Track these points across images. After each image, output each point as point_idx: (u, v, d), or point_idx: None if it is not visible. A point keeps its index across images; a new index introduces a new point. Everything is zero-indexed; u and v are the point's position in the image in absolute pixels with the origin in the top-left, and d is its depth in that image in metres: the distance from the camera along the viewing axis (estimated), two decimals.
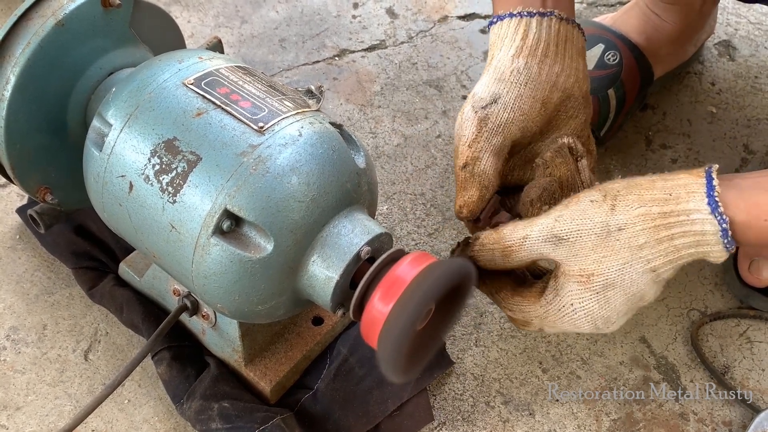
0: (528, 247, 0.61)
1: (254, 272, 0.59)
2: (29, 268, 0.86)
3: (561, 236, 0.59)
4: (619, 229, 0.57)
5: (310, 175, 0.60)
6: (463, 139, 0.67)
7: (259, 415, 0.71)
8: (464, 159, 0.66)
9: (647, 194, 0.57)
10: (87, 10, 0.70)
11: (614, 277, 0.58)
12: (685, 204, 0.56)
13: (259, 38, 1.13)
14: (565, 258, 0.60)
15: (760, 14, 1.16)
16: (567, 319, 0.61)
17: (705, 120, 1.04)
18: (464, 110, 0.68)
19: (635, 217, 0.57)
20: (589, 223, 0.58)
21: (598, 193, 0.59)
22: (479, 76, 0.71)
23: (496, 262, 0.63)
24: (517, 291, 0.64)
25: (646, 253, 0.57)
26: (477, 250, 0.63)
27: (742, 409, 0.79)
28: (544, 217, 0.61)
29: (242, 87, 0.65)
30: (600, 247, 0.58)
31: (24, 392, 0.77)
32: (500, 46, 0.69)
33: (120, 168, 0.64)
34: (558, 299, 0.61)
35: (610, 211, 0.58)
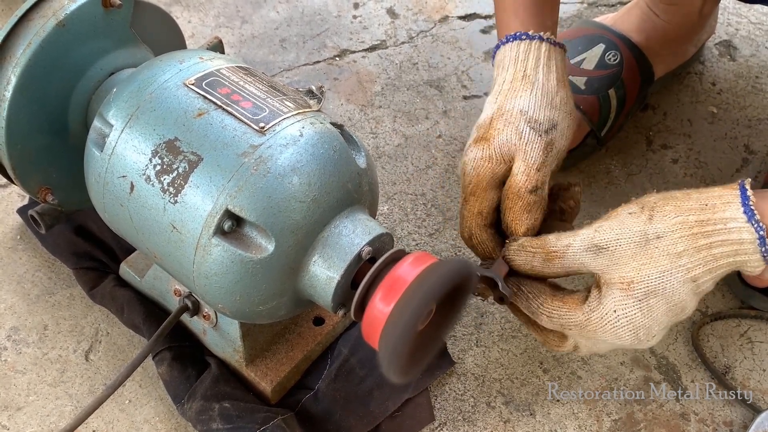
0: (571, 255, 0.62)
1: (255, 272, 0.59)
2: (30, 269, 0.86)
3: (601, 245, 0.60)
4: (657, 237, 0.58)
5: (311, 175, 0.60)
6: (530, 161, 0.67)
7: (259, 416, 0.71)
8: (534, 182, 0.67)
9: (684, 204, 0.58)
10: (88, 11, 0.70)
11: (655, 284, 0.59)
12: (721, 213, 0.57)
13: (260, 38, 1.13)
14: (605, 267, 0.60)
15: (760, 14, 1.16)
16: (609, 327, 0.61)
17: (706, 120, 1.04)
18: (521, 129, 0.68)
19: (673, 225, 0.58)
20: (628, 232, 0.59)
21: (635, 205, 0.61)
22: (505, 88, 0.70)
23: (534, 266, 0.63)
24: (557, 296, 0.64)
25: (686, 261, 0.58)
26: (514, 250, 0.64)
27: (743, 409, 0.79)
28: (586, 229, 0.62)
29: (243, 87, 0.65)
30: (639, 255, 0.59)
31: (25, 392, 0.77)
32: (536, 68, 0.70)
33: (121, 168, 0.64)
34: (601, 306, 0.61)
35: (648, 221, 0.59)
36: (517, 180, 0.67)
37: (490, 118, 0.70)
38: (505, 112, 0.69)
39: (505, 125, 0.68)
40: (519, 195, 0.67)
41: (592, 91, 0.95)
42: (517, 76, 0.70)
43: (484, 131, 0.69)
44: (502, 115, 0.69)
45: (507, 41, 0.72)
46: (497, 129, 0.68)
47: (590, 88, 0.95)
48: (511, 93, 0.70)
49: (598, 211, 0.94)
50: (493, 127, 0.69)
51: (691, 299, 0.60)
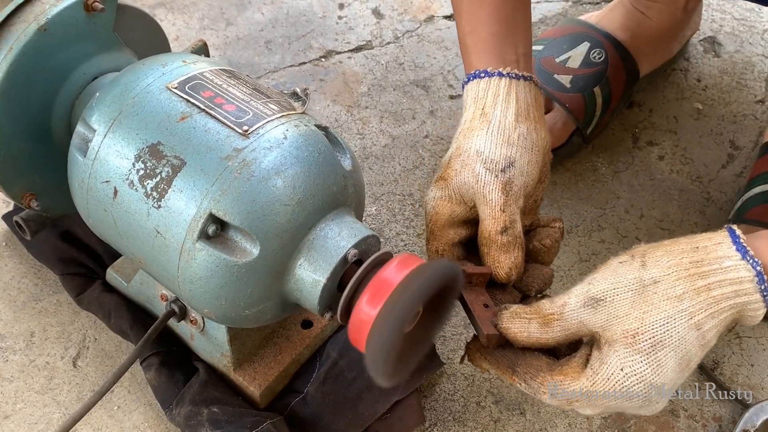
0: (569, 314, 0.58)
1: (240, 277, 0.59)
2: (16, 275, 0.86)
3: (598, 297, 0.57)
4: (654, 282, 0.56)
5: (295, 178, 0.60)
6: (492, 203, 0.66)
7: (248, 420, 0.71)
8: (502, 224, 0.65)
9: (674, 248, 0.57)
10: (70, 15, 0.70)
11: (660, 333, 0.56)
12: (714, 252, 0.55)
13: (245, 40, 1.13)
14: (605, 322, 0.57)
15: (744, 10, 1.16)
16: (618, 388, 0.57)
17: (691, 116, 1.05)
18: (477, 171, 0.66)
19: (668, 268, 0.56)
20: (623, 280, 0.57)
21: (624, 254, 0.59)
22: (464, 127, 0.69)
23: (531, 333, 0.60)
24: (555, 370, 0.59)
25: (687, 305, 0.56)
26: (508, 318, 0.61)
27: (732, 404, 0.79)
28: (578, 285, 0.59)
29: (226, 90, 0.65)
30: (639, 303, 0.56)
31: (12, 400, 0.77)
32: (494, 104, 0.69)
33: (104, 173, 0.63)
34: (605, 367, 0.57)
35: (642, 267, 0.57)
36: (485, 225, 0.66)
37: (449, 157, 0.69)
38: (462, 152, 0.68)
39: (462, 167, 0.67)
40: (491, 239, 0.66)
41: (577, 89, 0.95)
42: (475, 114, 0.69)
43: (443, 171, 0.69)
44: (459, 155, 0.68)
45: (468, 81, 0.71)
46: (455, 170, 0.68)
47: (575, 86, 0.95)
48: (468, 132, 0.69)
49: (585, 208, 0.95)
50: (451, 168, 0.68)
51: (696, 351, 0.57)
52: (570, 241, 0.91)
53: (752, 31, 1.14)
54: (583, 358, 0.59)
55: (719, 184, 0.98)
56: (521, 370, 0.61)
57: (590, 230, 0.93)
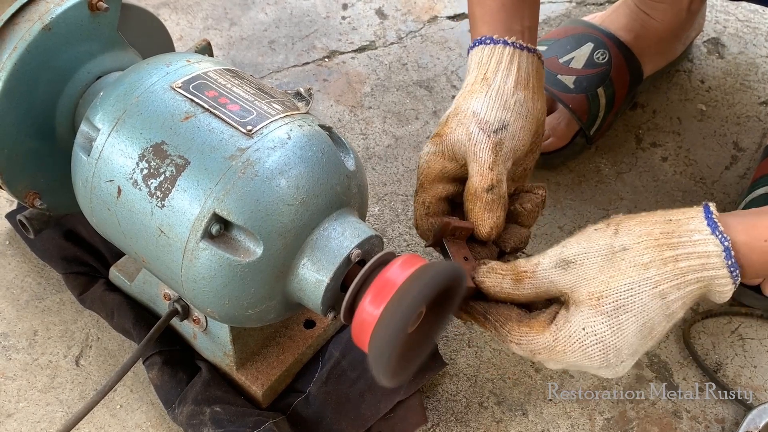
0: (540, 273, 0.61)
1: (244, 276, 0.59)
2: (19, 274, 0.86)
3: (569, 259, 0.60)
4: (623, 249, 0.59)
5: (299, 178, 0.60)
6: (481, 161, 0.68)
7: (250, 419, 0.71)
8: (489, 181, 0.68)
9: (648, 219, 0.59)
10: (74, 14, 0.70)
11: (624, 298, 0.58)
12: (686, 225, 0.57)
13: (249, 40, 1.13)
14: (573, 284, 0.60)
15: (748, 11, 1.16)
16: (578, 346, 0.59)
17: (695, 118, 1.05)
18: (470, 131, 0.69)
19: (638, 236, 0.58)
20: (595, 245, 0.60)
21: (601, 223, 0.62)
22: (465, 90, 0.72)
23: (504, 287, 0.63)
24: (524, 322, 0.62)
25: (653, 273, 0.57)
26: (484, 272, 0.63)
27: (735, 406, 0.79)
28: (553, 247, 0.62)
29: (230, 90, 0.65)
30: (607, 268, 0.59)
31: (15, 399, 0.77)
32: (495, 71, 0.72)
33: (108, 173, 0.63)
34: (568, 325, 0.59)
35: (614, 235, 0.59)
36: (473, 181, 0.68)
37: (447, 116, 0.72)
38: (460, 112, 0.71)
39: (458, 125, 0.70)
40: (476, 195, 0.68)
41: (580, 90, 0.95)
42: (477, 78, 0.72)
43: (440, 128, 0.71)
44: (456, 114, 0.71)
45: (474, 46, 0.74)
46: (450, 128, 0.70)
47: (579, 87, 0.95)
48: (468, 94, 0.71)
49: (588, 209, 0.95)
50: (448, 125, 0.71)
51: (660, 320, 0.58)
52: None
53: (756, 33, 1.14)
54: (551, 315, 0.62)
55: (723, 185, 0.97)
56: (492, 318, 0.63)
57: None
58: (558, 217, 0.94)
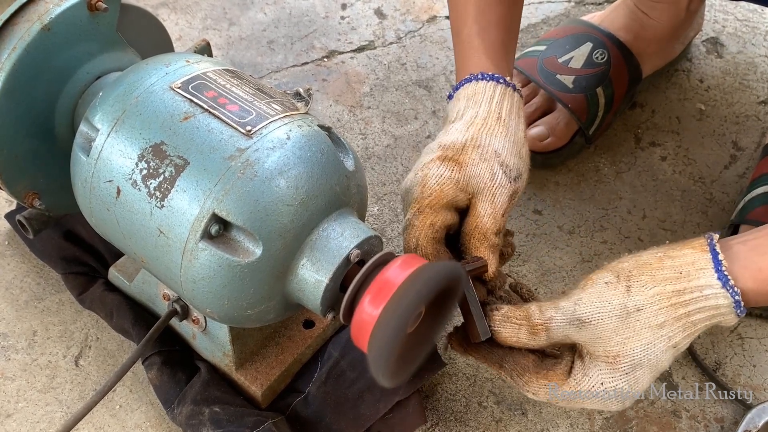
0: (555, 328, 0.62)
1: (243, 277, 0.59)
2: (18, 274, 0.86)
3: (583, 319, 0.61)
4: (637, 310, 0.59)
5: (298, 178, 0.60)
6: (496, 205, 0.68)
7: (250, 420, 0.71)
8: (498, 226, 0.68)
9: (659, 274, 0.60)
10: (73, 14, 0.70)
11: (640, 357, 0.60)
12: (696, 281, 0.58)
13: (248, 40, 1.13)
14: (589, 340, 0.61)
15: (747, 11, 1.16)
16: (597, 399, 0.62)
17: (694, 117, 1.05)
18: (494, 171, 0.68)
19: (651, 297, 0.59)
20: (608, 305, 0.60)
21: (610, 274, 0.61)
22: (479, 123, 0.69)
23: (520, 338, 0.63)
24: (541, 373, 0.64)
25: (667, 331, 0.59)
26: (499, 321, 0.63)
27: (734, 405, 0.79)
28: (565, 300, 0.62)
29: (230, 90, 0.65)
30: (622, 329, 0.60)
31: (14, 399, 0.77)
32: (509, 114, 0.71)
33: (107, 173, 0.63)
34: (587, 380, 0.62)
35: (626, 293, 0.60)
36: (483, 221, 0.67)
37: (462, 144, 0.68)
38: (481, 145, 0.68)
39: (481, 160, 0.68)
40: (486, 236, 0.67)
41: (579, 89, 0.95)
42: (492, 115, 0.70)
43: (455, 154, 0.68)
44: (477, 147, 0.68)
45: (483, 78, 0.71)
46: (472, 159, 0.68)
47: (578, 86, 0.95)
48: (486, 129, 0.69)
49: (588, 209, 0.95)
50: (467, 155, 0.68)
51: (670, 362, 0.62)
52: (572, 242, 0.91)
53: (755, 32, 1.14)
54: (568, 365, 0.64)
55: (722, 185, 0.97)
56: (508, 367, 0.64)
57: (592, 231, 0.93)
58: (557, 216, 0.94)
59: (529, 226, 0.93)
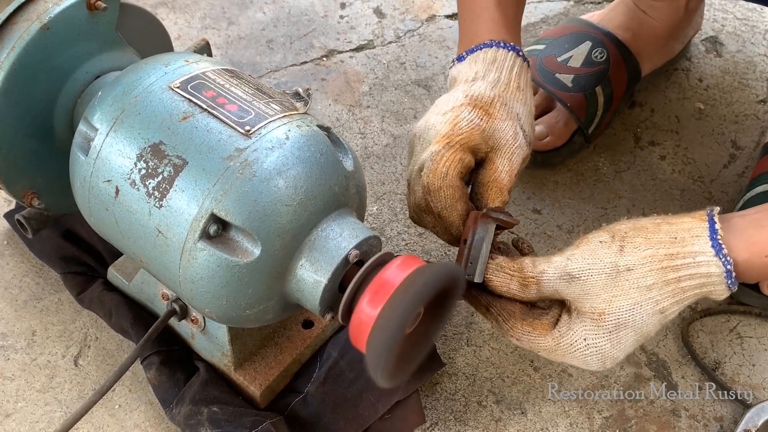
0: (545, 282, 0.62)
1: (242, 277, 0.59)
2: (17, 274, 0.86)
3: (573, 274, 0.61)
4: (627, 270, 0.59)
5: (297, 178, 0.60)
6: (513, 165, 0.69)
7: (248, 420, 0.71)
8: (511, 184, 0.70)
9: (654, 237, 0.60)
10: (72, 14, 0.70)
11: (626, 317, 0.60)
12: (690, 246, 0.58)
13: (247, 40, 1.13)
14: (577, 296, 0.61)
15: (746, 10, 1.16)
16: (578, 354, 0.63)
17: (693, 116, 1.05)
18: (517, 131, 0.69)
19: (643, 258, 0.59)
20: (599, 263, 0.60)
21: (606, 234, 0.61)
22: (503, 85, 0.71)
23: (511, 288, 0.64)
24: (527, 321, 0.64)
25: (655, 294, 0.59)
26: (493, 269, 0.64)
27: (734, 404, 0.79)
28: (558, 256, 0.62)
29: (229, 90, 0.65)
30: (610, 287, 0.60)
31: (14, 399, 0.77)
32: (526, 86, 0.72)
33: (106, 173, 0.63)
34: (571, 333, 0.62)
35: (619, 252, 0.60)
36: (502, 176, 0.69)
37: (491, 98, 0.69)
38: (507, 104, 0.70)
39: (508, 117, 0.69)
40: (501, 191, 0.69)
41: (579, 88, 0.95)
42: (512, 83, 0.71)
43: (485, 105, 0.69)
44: (504, 104, 0.69)
45: (504, 47, 0.72)
46: (500, 114, 0.69)
47: (577, 85, 0.95)
48: (509, 93, 0.70)
49: (587, 208, 0.95)
50: (496, 109, 0.69)
51: (656, 328, 0.62)
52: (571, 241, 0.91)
53: (754, 31, 1.14)
54: (554, 318, 0.64)
55: (721, 184, 0.97)
56: (494, 311, 0.65)
57: (592, 230, 0.92)
58: (557, 215, 0.94)
59: (529, 225, 0.93)
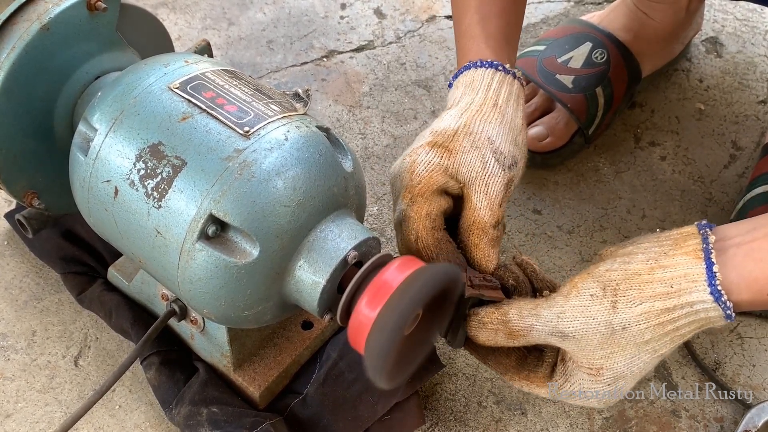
0: (534, 335, 0.60)
1: (240, 278, 0.59)
2: (18, 274, 0.86)
3: (566, 333, 0.59)
4: (623, 328, 0.57)
5: (296, 179, 0.60)
6: (491, 196, 0.65)
7: (247, 420, 0.71)
8: (497, 218, 0.65)
9: (647, 288, 0.56)
10: (72, 14, 0.70)
11: (624, 370, 0.59)
12: (687, 296, 0.55)
13: (247, 40, 1.13)
14: (572, 351, 0.60)
15: (746, 11, 1.16)
16: (578, 401, 0.62)
17: (693, 117, 1.05)
18: (486, 159, 0.65)
19: (639, 315, 0.56)
20: (593, 322, 0.58)
21: (596, 285, 0.58)
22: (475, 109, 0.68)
23: (498, 342, 0.62)
24: (522, 374, 0.64)
25: (653, 345, 0.58)
26: (475, 327, 0.62)
27: (734, 405, 0.79)
28: (547, 309, 0.59)
29: (228, 91, 0.65)
30: (606, 344, 0.58)
31: (14, 399, 0.77)
32: (507, 101, 0.69)
33: (105, 173, 0.63)
34: (568, 385, 0.62)
35: (612, 309, 0.57)
36: (481, 214, 0.65)
37: (454, 130, 0.66)
38: (473, 132, 0.66)
39: (472, 147, 0.65)
40: (484, 230, 0.65)
41: (579, 89, 0.95)
42: (488, 102, 0.68)
43: (445, 140, 0.66)
44: (469, 134, 0.66)
45: (482, 66, 0.70)
46: (463, 146, 0.65)
47: (577, 86, 0.95)
48: (480, 116, 0.67)
49: (587, 208, 0.94)
50: (458, 142, 0.66)
51: (653, 366, 0.60)
52: (572, 242, 0.91)
53: (754, 32, 1.14)
54: (549, 367, 0.64)
55: (721, 184, 0.97)
56: (491, 364, 0.65)
57: (592, 230, 0.93)
58: (557, 216, 0.94)
59: (529, 225, 0.93)
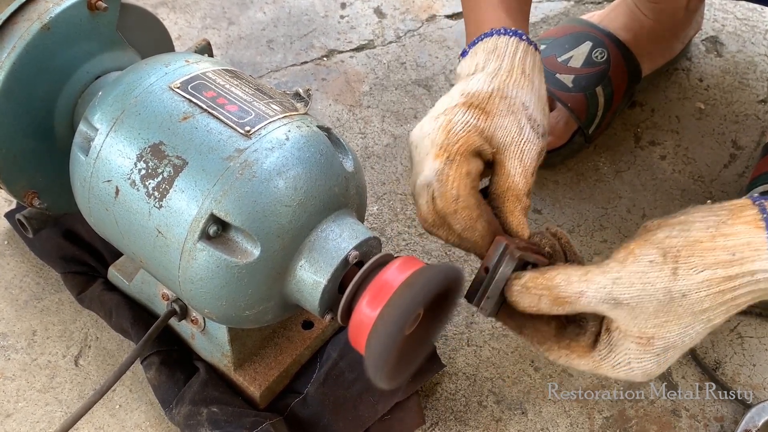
0: (584, 304, 0.56)
1: (241, 277, 0.59)
2: (18, 274, 0.86)
3: (620, 300, 0.55)
4: (683, 296, 0.54)
5: (297, 179, 0.60)
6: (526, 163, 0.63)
7: (248, 420, 0.71)
8: (529, 186, 0.63)
9: (710, 255, 0.54)
10: (73, 14, 0.70)
11: (676, 340, 0.56)
12: (750, 265, 0.53)
13: (247, 39, 1.13)
14: (623, 319, 0.56)
15: (746, 10, 1.16)
16: (621, 373, 0.58)
17: (693, 116, 1.05)
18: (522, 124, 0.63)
19: (699, 282, 0.54)
20: (651, 288, 0.55)
21: (656, 251, 0.55)
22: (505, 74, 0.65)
23: (541, 308, 0.58)
24: (563, 343, 0.60)
25: (708, 315, 0.55)
26: (518, 292, 0.58)
27: (734, 404, 0.79)
28: (600, 275, 0.56)
29: (229, 90, 0.65)
30: (662, 312, 0.55)
31: (14, 399, 0.77)
32: (532, 70, 0.66)
33: (106, 173, 0.63)
34: (613, 356, 0.58)
35: (672, 276, 0.54)
36: (516, 181, 0.62)
37: (488, 93, 0.63)
38: (508, 96, 0.63)
39: (509, 111, 0.62)
40: (519, 198, 0.63)
41: (579, 88, 0.95)
42: (516, 69, 0.65)
43: (481, 102, 0.62)
44: (504, 97, 0.63)
45: (505, 33, 0.67)
46: (499, 109, 0.62)
47: (577, 85, 0.95)
48: (511, 81, 0.64)
49: (587, 208, 0.95)
50: (494, 104, 0.62)
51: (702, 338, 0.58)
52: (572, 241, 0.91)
53: (754, 31, 1.14)
54: (592, 337, 0.59)
55: (721, 183, 0.97)
56: (528, 333, 0.60)
57: (592, 230, 0.93)
58: (557, 215, 0.94)
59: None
